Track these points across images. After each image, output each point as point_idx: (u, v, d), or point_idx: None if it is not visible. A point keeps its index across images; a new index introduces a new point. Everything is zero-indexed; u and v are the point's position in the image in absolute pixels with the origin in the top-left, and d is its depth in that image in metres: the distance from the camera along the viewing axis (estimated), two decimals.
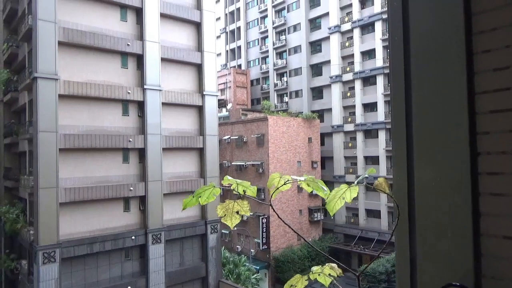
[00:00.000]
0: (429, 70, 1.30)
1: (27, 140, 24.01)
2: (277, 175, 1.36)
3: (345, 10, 43.32)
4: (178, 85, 27.29)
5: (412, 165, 1.30)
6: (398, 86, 1.41)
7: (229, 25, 58.70)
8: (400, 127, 1.36)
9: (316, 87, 46.22)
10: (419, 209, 1.22)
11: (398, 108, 1.39)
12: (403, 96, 1.37)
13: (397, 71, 1.41)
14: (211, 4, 28.88)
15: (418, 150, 1.29)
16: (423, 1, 1.30)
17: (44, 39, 21.14)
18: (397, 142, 1.38)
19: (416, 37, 1.33)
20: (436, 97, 1.27)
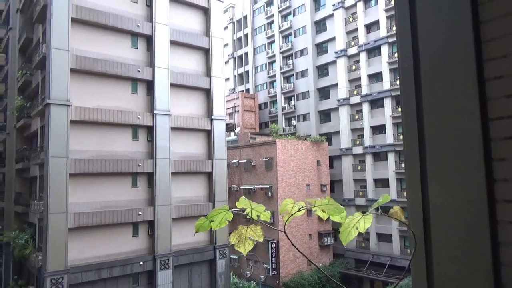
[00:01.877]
0: (441, 95, 1.29)
1: (38, 165, 24.27)
2: (290, 201, 1.35)
3: (351, 35, 43.91)
4: (187, 110, 27.59)
5: (427, 192, 1.28)
6: (409, 110, 1.40)
7: (237, 51, 59.75)
8: (413, 154, 1.35)
9: (324, 110, 46.36)
10: (436, 238, 1.20)
11: (410, 133, 1.38)
12: (415, 121, 1.36)
13: (408, 95, 1.41)
14: (219, 31, 29.52)
15: (433, 176, 1.27)
16: (432, 28, 1.31)
17: (57, 67, 21.69)
18: (410, 169, 1.36)
19: (426, 62, 1.34)
20: (449, 122, 1.26)
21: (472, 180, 1.16)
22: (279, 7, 52.16)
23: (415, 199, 1.31)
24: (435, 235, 1.21)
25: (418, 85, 1.33)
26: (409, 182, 1.36)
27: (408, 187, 1.36)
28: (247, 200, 1.38)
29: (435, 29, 1.28)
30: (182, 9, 27.97)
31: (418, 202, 1.28)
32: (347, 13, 44.38)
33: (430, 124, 1.30)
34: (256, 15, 57.20)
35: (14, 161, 29.95)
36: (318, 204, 1.29)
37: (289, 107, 49.86)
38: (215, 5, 29.29)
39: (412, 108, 1.35)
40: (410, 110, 1.37)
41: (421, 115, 1.32)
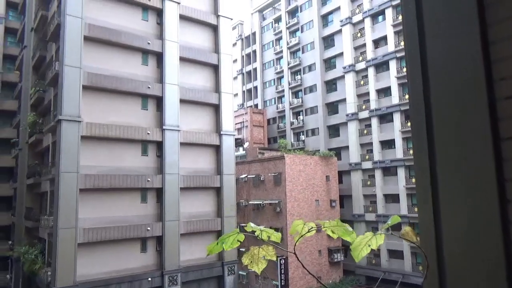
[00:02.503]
0: (451, 110, 1.29)
1: (49, 180, 24.51)
2: (300, 222, 1.35)
3: (359, 50, 44.13)
4: (196, 125, 27.78)
5: (439, 211, 1.27)
6: (418, 124, 1.39)
7: (246, 67, 60.32)
8: (424, 170, 1.33)
9: (333, 125, 46.31)
10: (450, 259, 1.18)
11: (420, 148, 1.37)
12: (425, 136, 1.35)
13: (417, 109, 1.40)
14: (228, 47, 29.90)
15: (445, 194, 1.26)
16: (440, 41, 1.31)
17: (70, 84, 22.10)
18: (421, 185, 1.35)
19: (435, 76, 1.34)
20: (459, 140, 1.25)
21: (485, 200, 1.15)
22: (287, 23, 52.77)
23: (426, 218, 1.29)
24: (448, 257, 1.19)
25: (427, 100, 1.33)
26: (420, 200, 1.34)
27: (419, 205, 1.35)
28: (254, 225, 1.40)
29: (443, 42, 1.28)
30: (192, 27, 28.46)
31: (430, 221, 1.27)
32: (354, 29, 44.69)
33: (441, 140, 1.29)
34: (264, 31, 57.91)
35: (25, 176, 30.30)
36: (327, 225, 1.29)
37: (298, 122, 49.92)
38: (224, 23, 29.75)
39: (421, 122, 1.35)
40: (420, 124, 1.36)
41: (431, 130, 1.31)
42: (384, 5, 40.92)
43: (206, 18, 28.91)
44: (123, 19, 25.29)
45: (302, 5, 51.31)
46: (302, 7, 51.27)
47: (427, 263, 1.18)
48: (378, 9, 41.50)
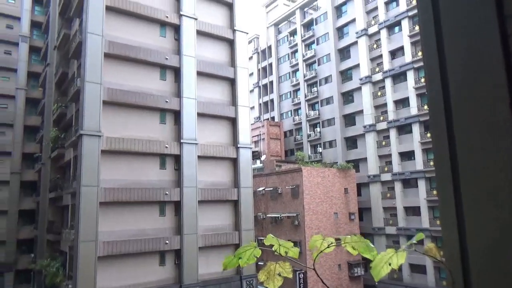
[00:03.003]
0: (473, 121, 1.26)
1: (70, 194, 24.98)
2: (319, 237, 1.33)
3: (375, 61, 43.90)
4: (213, 138, 27.98)
5: (464, 226, 1.23)
6: (439, 135, 1.36)
7: (262, 80, 60.71)
8: (446, 183, 1.30)
9: (350, 137, 45.90)
10: (476, 275, 1.14)
11: (441, 160, 1.34)
12: (447, 148, 1.32)
13: (437, 120, 1.37)
14: (244, 61, 30.20)
15: (469, 208, 1.23)
16: (459, 49, 1.29)
17: (90, 99, 22.66)
18: (444, 198, 1.31)
19: (455, 84, 1.31)
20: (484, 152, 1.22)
21: None
22: (302, 36, 53.05)
23: (450, 232, 1.26)
24: (474, 272, 1.15)
25: (447, 110, 1.30)
26: (442, 213, 1.31)
27: (442, 219, 1.31)
28: (274, 238, 1.38)
29: (462, 50, 1.27)
30: (208, 42, 28.91)
31: (454, 235, 1.24)
32: (370, 40, 44.56)
33: (463, 150, 1.27)
34: (280, 44, 58.32)
35: (48, 190, 30.97)
36: (348, 241, 1.26)
37: (315, 134, 49.70)
38: (240, 37, 30.13)
39: (442, 133, 1.32)
40: (440, 135, 1.33)
41: (452, 140, 1.28)
42: (400, 16, 40.74)
43: (223, 33, 29.34)
44: (141, 35, 25.91)
45: (317, 18, 51.57)
46: (317, 20, 51.52)
47: (452, 280, 1.14)
48: (394, 20, 41.33)
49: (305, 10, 55.17)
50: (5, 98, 39.46)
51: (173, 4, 27.64)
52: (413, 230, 37.16)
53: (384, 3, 42.97)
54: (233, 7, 30.10)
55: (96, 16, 23.50)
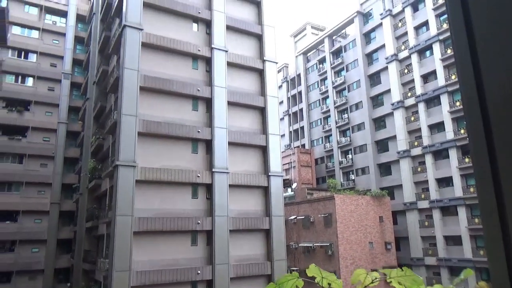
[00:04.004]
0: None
1: (105, 223, 25.55)
2: (362, 271, 1.30)
3: (407, 86, 43.29)
4: (244, 167, 28.08)
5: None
6: (481, 160, 1.30)
7: (292, 107, 61.05)
8: (491, 211, 1.25)
9: (383, 163, 44.82)
10: None
11: (484, 186, 1.28)
12: (489, 173, 1.27)
13: (478, 144, 1.32)
14: (274, 90, 30.59)
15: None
16: (495, 67, 1.26)
17: (126, 131, 23.51)
18: (489, 229, 1.25)
19: (493, 107, 1.27)
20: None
21: None
22: (331, 63, 53.36)
23: (498, 264, 1.20)
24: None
25: (488, 133, 1.25)
26: (489, 245, 1.24)
27: (488, 250, 1.24)
28: (317, 267, 1.35)
29: (499, 69, 1.23)
30: (239, 72, 29.59)
31: (503, 270, 1.17)
32: (401, 65, 44.16)
33: (507, 176, 1.21)
34: (309, 72, 58.83)
35: (84, 219, 31.85)
36: (393, 275, 1.22)
37: (347, 161, 48.92)
38: (270, 67, 30.67)
39: (484, 158, 1.27)
40: (482, 160, 1.27)
41: (495, 166, 1.23)
42: (431, 40, 40.31)
43: (253, 63, 30.00)
44: (175, 68, 26.92)
45: (346, 45, 51.89)
46: (346, 47, 51.81)
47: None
48: (425, 44, 40.91)
49: (333, 38, 55.74)
50: (48, 132, 41.61)
51: (205, 37, 28.70)
52: (454, 261, 35.17)
53: (414, 28, 42.76)
54: (263, 38, 30.87)
55: (132, 52, 24.74)
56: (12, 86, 40.31)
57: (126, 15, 25.12)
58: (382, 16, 45.95)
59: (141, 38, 25.33)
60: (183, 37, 27.54)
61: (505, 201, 1.19)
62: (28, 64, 41.78)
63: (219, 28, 28.72)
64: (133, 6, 25.45)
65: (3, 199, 38.17)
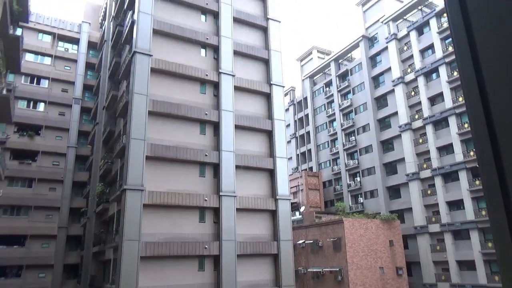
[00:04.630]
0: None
1: (112, 248, 25.40)
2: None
3: (414, 108, 43.29)
4: (252, 191, 27.96)
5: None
6: (491, 183, 1.30)
7: (299, 130, 61.19)
8: (504, 235, 1.23)
9: (392, 186, 44.33)
10: None
11: (495, 209, 1.27)
12: (501, 199, 1.27)
13: (487, 167, 1.32)
14: (281, 113, 30.79)
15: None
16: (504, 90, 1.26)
17: (135, 155, 23.69)
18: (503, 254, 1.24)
19: (502, 127, 1.27)
20: None
21: None
22: (338, 87, 53.75)
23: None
24: None
25: (497, 156, 1.25)
26: (504, 271, 1.23)
27: (504, 276, 1.23)
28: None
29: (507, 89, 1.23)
30: (246, 96, 29.92)
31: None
32: (408, 88, 44.33)
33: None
34: (316, 96, 59.24)
35: (91, 244, 31.70)
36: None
37: (355, 184, 48.50)
38: (277, 90, 30.99)
39: (494, 181, 1.26)
40: (492, 182, 1.26)
41: (505, 189, 1.22)
42: (437, 63, 40.56)
43: (260, 87, 30.35)
44: (183, 93, 27.32)
45: (352, 68, 52.37)
46: (352, 70, 52.28)
47: None
48: (431, 67, 41.14)
49: (339, 61, 56.37)
50: (58, 156, 42.06)
51: (213, 62, 29.23)
52: (468, 287, 34.14)
53: (419, 51, 43.13)
54: (270, 62, 31.34)
55: (141, 77, 25.24)
56: (24, 111, 41.10)
57: (136, 41, 25.77)
58: (388, 40, 46.50)
59: (150, 63, 25.87)
60: (191, 62, 28.08)
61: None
62: (40, 89, 42.71)
63: (226, 53, 29.27)
64: (143, 33, 26.14)
65: (12, 223, 38.26)
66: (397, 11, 46.16)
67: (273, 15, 32.65)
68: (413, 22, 44.55)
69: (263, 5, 32.97)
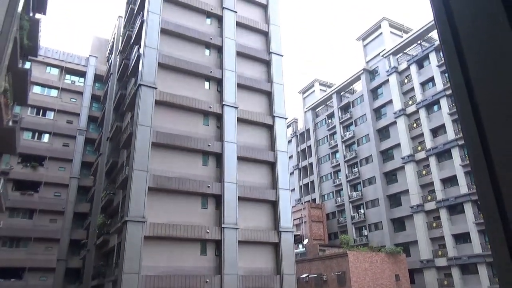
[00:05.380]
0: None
1: (111, 282, 24.85)
2: None
3: (416, 140, 43.38)
4: (254, 223, 27.62)
5: None
6: (491, 219, 1.29)
7: (302, 162, 61.14)
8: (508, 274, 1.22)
9: (397, 218, 43.72)
10: None
11: (497, 244, 1.26)
12: (502, 232, 1.25)
13: (486, 201, 1.32)
14: (283, 144, 30.88)
15: None
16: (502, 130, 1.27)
17: (137, 186, 23.63)
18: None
19: (500, 161, 1.27)
20: None
21: None
22: (340, 118, 54.17)
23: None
24: None
25: (496, 189, 1.25)
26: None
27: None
28: None
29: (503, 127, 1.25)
30: (249, 127, 30.14)
31: None
32: (409, 120, 44.62)
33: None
34: (318, 127, 59.63)
35: (90, 277, 31.06)
36: None
37: (359, 216, 47.89)
38: (279, 122, 31.25)
39: (495, 215, 1.25)
40: (493, 216, 1.26)
41: (506, 222, 1.22)
42: (437, 95, 41.01)
43: (262, 119, 30.63)
44: (186, 125, 27.58)
45: (354, 100, 52.98)
46: (354, 103, 52.86)
47: None
48: (432, 99, 41.58)
49: (341, 94, 57.12)
50: (60, 187, 42.02)
51: (216, 94, 29.68)
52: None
53: (420, 84, 43.74)
54: (272, 94, 31.77)
55: (146, 109, 25.59)
56: (29, 142, 41.48)
57: (142, 75, 26.33)
58: (388, 73, 47.28)
59: (155, 96, 26.30)
60: (195, 94, 28.52)
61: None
62: (45, 121, 43.29)
63: (230, 86, 29.77)
64: (149, 66, 26.76)
65: (10, 256, 37.72)
66: (397, 46, 47.21)
67: (275, 49, 33.42)
68: (413, 56, 45.44)
69: (266, 40, 33.84)
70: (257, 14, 34.32)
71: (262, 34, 33.84)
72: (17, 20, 14.68)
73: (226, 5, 31.85)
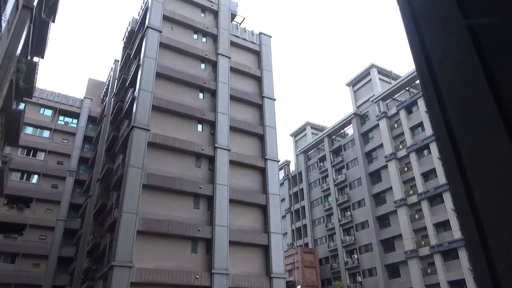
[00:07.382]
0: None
1: None
2: None
3: (408, 183, 43.53)
4: (245, 268, 26.82)
5: None
6: (479, 265, 1.28)
7: (294, 205, 60.57)
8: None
9: (391, 264, 42.83)
10: None
11: None
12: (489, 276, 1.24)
13: (473, 245, 1.31)
14: (275, 187, 30.73)
15: None
16: None
17: (125, 229, 23.03)
18: None
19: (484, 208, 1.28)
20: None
21: None
22: (332, 162, 54.46)
23: None
24: None
25: (481, 232, 1.25)
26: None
27: None
28: None
29: None
30: (241, 170, 30.08)
31: None
32: (400, 164, 45.00)
33: None
34: (310, 170, 59.72)
35: None
36: None
37: (352, 261, 46.85)
38: (271, 165, 31.28)
39: (482, 261, 1.25)
40: (481, 265, 1.25)
41: (493, 270, 1.21)
42: (427, 140, 41.70)
43: (254, 162, 30.67)
44: (178, 167, 27.45)
45: (345, 144, 53.59)
46: (346, 146, 53.43)
47: None
48: (422, 144, 42.22)
49: (333, 137, 57.83)
50: (46, 230, 40.76)
51: (209, 137, 29.85)
52: None
53: (410, 129, 44.59)
54: (264, 137, 32.06)
55: (138, 151, 25.54)
56: (17, 183, 40.73)
57: (136, 117, 26.55)
58: (378, 118, 48.27)
59: (148, 138, 26.37)
60: (188, 136, 28.66)
61: None
62: (35, 162, 42.81)
63: (222, 129, 30.04)
64: (143, 109, 27.04)
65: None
66: (385, 92, 48.60)
67: (267, 93, 34.17)
68: (402, 102, 46.69)
69: (259, 84, 34.67)
70: (250, 60, 35.41)
71: (255, 79, 34.73)
72: (14, 62, 14.94)
73: (221, 51, 32.88)
